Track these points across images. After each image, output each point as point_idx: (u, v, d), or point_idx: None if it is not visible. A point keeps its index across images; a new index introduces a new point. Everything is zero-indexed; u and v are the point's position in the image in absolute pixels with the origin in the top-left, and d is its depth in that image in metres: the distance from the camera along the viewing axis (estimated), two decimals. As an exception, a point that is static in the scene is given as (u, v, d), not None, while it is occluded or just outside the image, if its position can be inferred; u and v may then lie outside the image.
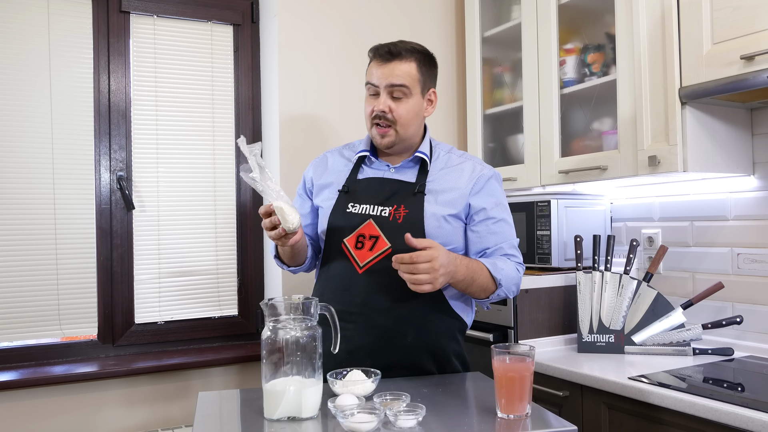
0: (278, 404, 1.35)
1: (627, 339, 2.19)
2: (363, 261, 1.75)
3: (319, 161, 1.99)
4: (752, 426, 1.49)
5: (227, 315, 2.76)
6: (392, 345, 1.72)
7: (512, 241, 1.82)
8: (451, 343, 1.80)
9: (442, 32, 3.11)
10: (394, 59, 1.77)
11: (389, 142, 1.81)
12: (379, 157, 1.89)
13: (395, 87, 1.77)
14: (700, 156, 2.04)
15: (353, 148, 1.96)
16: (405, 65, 1.78)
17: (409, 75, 1.78)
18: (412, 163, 1.85)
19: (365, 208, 1.78)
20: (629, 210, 2.60)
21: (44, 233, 2.44)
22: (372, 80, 1.79)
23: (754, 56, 1.76)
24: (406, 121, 1.80)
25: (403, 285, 1.64)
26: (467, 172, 1.83)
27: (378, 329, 1.72)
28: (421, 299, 1.72)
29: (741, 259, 2.20)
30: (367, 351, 1.71)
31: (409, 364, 1.74)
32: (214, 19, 2.75)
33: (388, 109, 1.77)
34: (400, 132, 1.80)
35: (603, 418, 1.90)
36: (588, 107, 2.49)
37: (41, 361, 2.42)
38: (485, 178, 1.83)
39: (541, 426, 1.31)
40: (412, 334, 1.73)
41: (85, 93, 2.52)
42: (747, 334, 2.17)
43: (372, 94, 1.81)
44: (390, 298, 1.72)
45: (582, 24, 2.53)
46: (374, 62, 1.80)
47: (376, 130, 1.80)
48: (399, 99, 1.78)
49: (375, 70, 1.79)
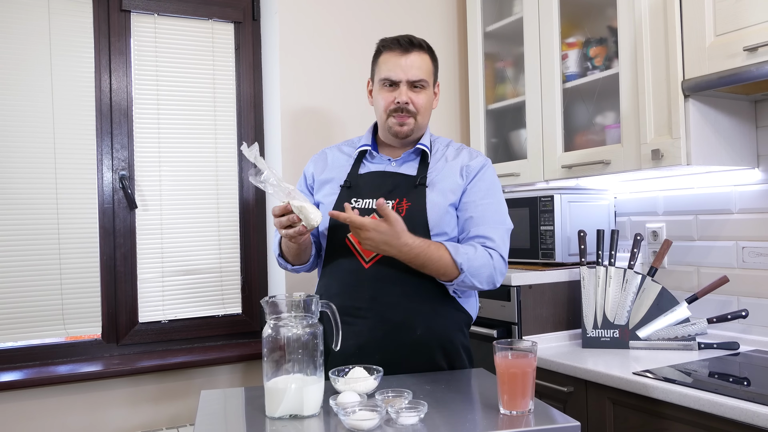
0: (280, 402, 1.35)
1: (632, 334, 2.18)
2: (369, 255, 1.75)
3: (319, 157, 2.00)
4: (758, 421, 1.48)
5: (231, 313, 2.76)
6: (402, 339, 1.73)
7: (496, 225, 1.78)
8: (458, 335, 1.81)
9: (444, 27, 3.09)
10: (414, 50, 1.81)
11: (409, 130, 1.84)
12: (380, 151, 1.91)
13: (417, 82, 1.81)
14: (703, 149, 2.02)
15: (352, 144, 1.98)
16: (423, 57, 1.84)
17: (427, 67, 1.84)
18: (414, 155, 1.87)
19: (368, 202, 1.79)
20: (633, 204, 2.58)
21: (47, 233, 2.44)
22: (392, 75, 1.81)
23: (758, 48, 1.75)
24: (425, 111, 1.86)
25: (410, 278, 1.68)
26: (464, 162, 1.86)
27: (387, 324, 1.72)
28: (428, 292, 1.73)
29: (746, 252, 2.18)
30: (377, 346, 1.71)
31: (419, 358, 1.74)
32: (214, 17, 2.74)
33: (410, 100, 1.81)
34: (419, 121, 1.85)
35: (608, 414, 1.89)
36: (590, 101, 2.47)
37: (45, 360, 2.43)
38: (478, 166, 1.85)
39: (544, 422, 1.30)
40: (421, 328, 1.73)
41: (86, 92, 2.52)
42: (752, 327, 2.16)
43: (389, 86, 1.83)
44: (399, 292, 1.72)
45: (584, 17, 2.51)
46: (392, 53, 1.82)
47: (396, 118, 1.82)
48: (418, 91, 1.83)
49: (395, 61, 1.81)
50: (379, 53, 1.87)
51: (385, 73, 1.82)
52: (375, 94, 1.88)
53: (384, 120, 1.85)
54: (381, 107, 1.85)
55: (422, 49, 1.83)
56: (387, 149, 1.91)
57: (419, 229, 1.73)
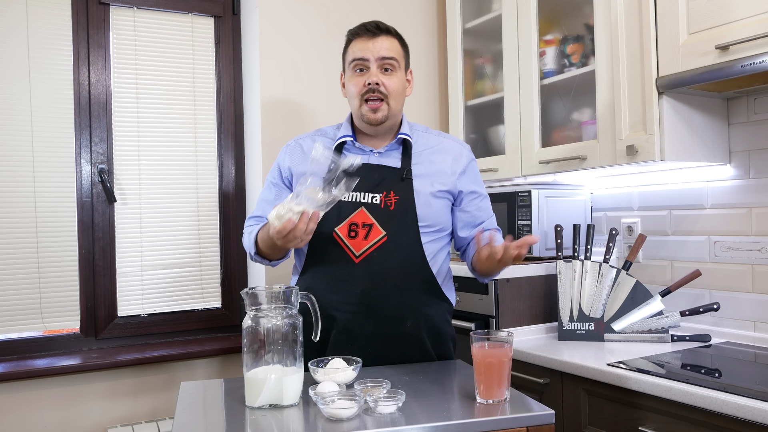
0: (259, 392, 1.36)
1: (607, 327, 2.22)
2: (359, 250, 1.74)
3: (293, 148, 1.93)
4: (727, 409, 1.52)
5: (211, 307, 2.76)
6: (392, 332, 1.75)
7: (494, 216, 1.95)
8: (445, 325, 1.85)
9: (424, 24, 3.11)
10: (382, 33, 1.80)
11: (383, 116, 1.80)
12: (359, 141, 1.88)
13: (386, 60, 1.79)
14: (677, 145, 2.06)
15: (326, 134, 1.94)
16: (392, 40, 1.83)
17: (396, 49, 1.83)
18: (396, 145, 1.86)
19: (356, 195, 1.76)
20: (609, 200, 2.62)
21: (25, 227, 2.42)
22: (361, 55, 1.79)
23: (729, 46, 1.79)
24: (397, 95, 1.82)
25: (400, 272, 1.72)
26: (451, 152, 1.88)
27: (378, 317, 1.73)
28: (417, 285, 1.77)
29: (718, 246, 2.23)
30: (369, 339, 1.73)
31: (410, 349, 1.77)
32: (194, 11, 2.73)
33: (381, 82, 1.78)
34: (392, 106, 1.81)
35: (582, 404, 1.92)
36: (567, 98, 2.51)
37: (23, 354, 2.41)
38: (467, 162, 1.90)
39: (520, 410, 1.33)
40: (410, 319, 1.76)
41: (65, 85, 2.50)
42: (724, 320, 2.21)
43: (359, 71, 1.80)
44: (390, 286, 1.74)
45: (561, 15, 2.54)
46: (360, 39, 1.81)
47: (368, 106, 1.79)
48: (389, 73, 1.80)
49: (363, 45, 1.79)
50: (348, 43, 1.85)
51: (354, 54, 1.80)
52: (347, 83, 1.85)
53: (357, 107, 1.81)
54: (353, 93, 1.81)
55: (390, 34, 1.82)
56: (366, 139, 1.88)
57: (409, 222, 1.75)
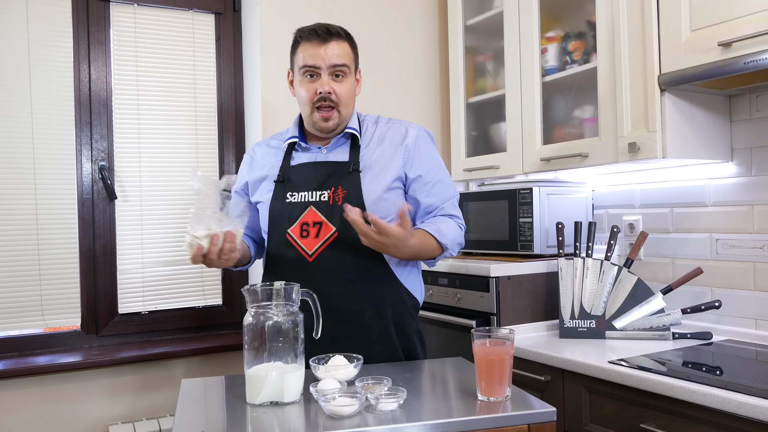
0: (260, 389, 1.36)
1: (608, 324, 2.22)
2: (311, 249, 1.75)
3: (248, 158, 1.97)
4: (729, 407, 1.51)
5: (211, 304, 2.76)
6: (352, 326, 1.74)
7: (452, 200, 1.87)
8: (408, 318, 1.84)
9: (425, 21, 3.11)
10: (332, 39, 1.76)
11: (334, 124, 1.79)
12: (308, 140, 1.87)
13: (337, 67, 1.76)
14: (679, 143, 2.06)
15: (281, 137, 1.94)
16: (342, 44, 1.78)
17: (347, 54, 1.79)
18: (344, 139, 1.84)
19: (304, 195, 1.77)
20: (610, 197, 2.62)
21: (26, 224, 2.42)
22: (311, 62, 1.75)
23: (731, 43, 1.78)
24: (347, 101, 1.80)
25: (353, 266, 1.71)
26: (396, 141, 1.84)
27: (336, 313, 1.71)
28: (372, 277, 1.76)
29: (719, 244, 2.22)
30: (330, 337, 1.66)
31: (374, 344, 1.76)
32: (195, 8, 2.73)
33: (332, 90, 1.76)
34: (343, 113, 1.80)
35: (584, 402, 1.92)
36: (569, 95, 2.50)
37: (24, 351, 2.41)
38: (413, 144, 1.83)
39: (521, 408, 1.32)
40: (369, 312, 1.75)
41: (65, 82, 2.50)
42: (725, 318, 2.20)
43: (309, 77, 1.78)
44: (343, 280, 1.73)
45: (563, 12, 2.54)
46: (309, 43, 1.76)
47: (320, 114, 1.77)
48: (340, 80, 1.78)
49: (313, 51, 1.75)
50: (297, 44, 1.81)
51: (305, 60, 1.77)
52: (296, 86, 1.82)
53: (309, 114, 1.79)
54: (304, 99, 1.79)
55: (341, 37, 1.78)
56: (316, 138, 1.87)
57: None
